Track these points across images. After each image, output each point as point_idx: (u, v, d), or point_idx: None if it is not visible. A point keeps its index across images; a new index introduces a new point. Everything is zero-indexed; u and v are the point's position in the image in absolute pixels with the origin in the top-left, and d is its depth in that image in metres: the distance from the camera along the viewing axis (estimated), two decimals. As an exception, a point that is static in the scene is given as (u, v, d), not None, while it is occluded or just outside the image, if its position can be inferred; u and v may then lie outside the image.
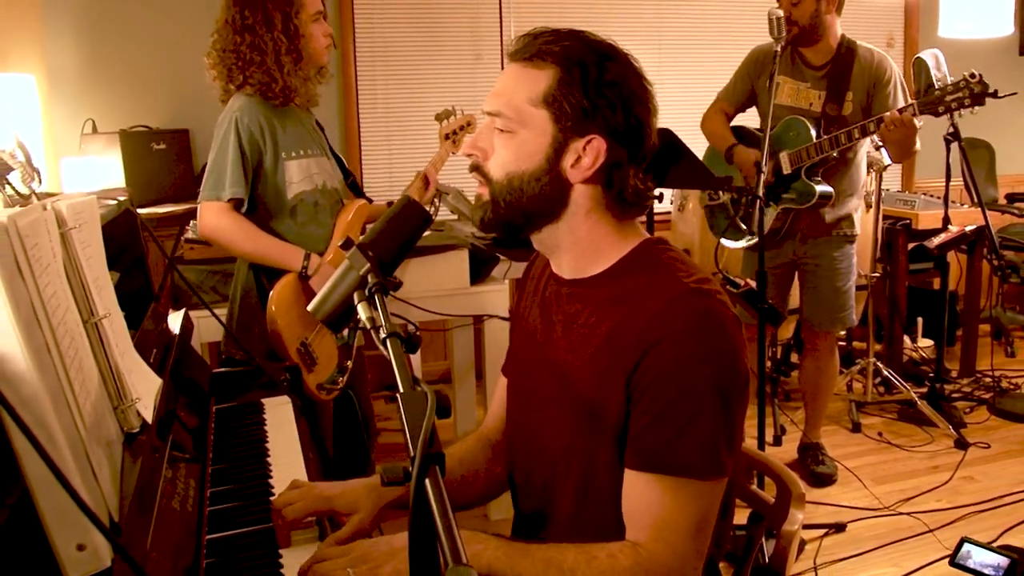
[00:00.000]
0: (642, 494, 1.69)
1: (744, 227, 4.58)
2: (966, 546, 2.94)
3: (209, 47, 3.41)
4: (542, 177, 1.75)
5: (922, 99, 4.05)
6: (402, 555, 1.62)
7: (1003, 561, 2.85)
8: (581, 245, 1.83)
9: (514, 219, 1.81)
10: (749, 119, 4.74)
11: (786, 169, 4.32)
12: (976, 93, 3.94)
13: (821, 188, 4.34)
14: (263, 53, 3.30)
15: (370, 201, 3.74)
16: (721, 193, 4.75)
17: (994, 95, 3.95)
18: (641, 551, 1.66)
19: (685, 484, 1.66)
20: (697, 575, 1.72)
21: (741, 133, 4.67)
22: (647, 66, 1.78)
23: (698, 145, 4.41)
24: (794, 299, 4.83)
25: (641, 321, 1.68)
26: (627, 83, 1.73)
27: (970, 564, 2.91)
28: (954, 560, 2.95)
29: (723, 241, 4.72)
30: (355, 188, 3.79)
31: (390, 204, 3.83)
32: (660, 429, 1.66)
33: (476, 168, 1.82)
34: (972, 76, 3.95)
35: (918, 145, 4.24)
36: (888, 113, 4.08)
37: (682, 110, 4.83)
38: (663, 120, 1.88)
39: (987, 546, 2.91)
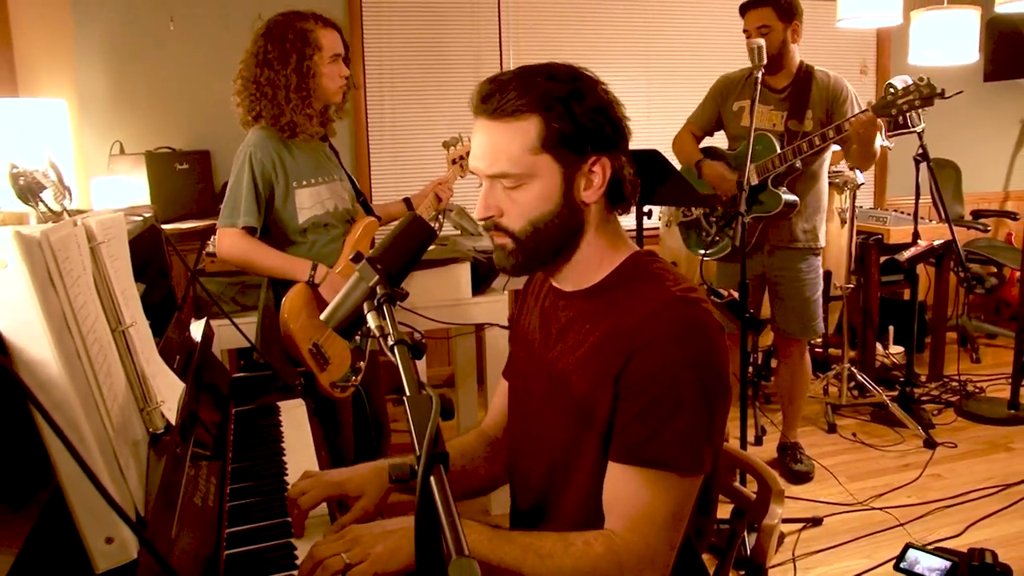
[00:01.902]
0: (622, 485, 1.69)
1: (717, 239, 4.60)
2: (911, 552, 2.94)
3: (236, 74, 3.49)
4: (562, 211, 1.75)
5: (877, 103, 4.05)
6: (394, 536, 1.61)
7: (945, 564, 2.86)
8: (584, 262, 1.84)
9: (544, 255, 1.82)
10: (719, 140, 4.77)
11: (754, 180, 4.33)
12: (925, 95, 3.93)
13: (787, 196, 4.36)
14: (275, 88, 3.38)
15: (379, 219, 3.76)
16: (694, 209, 4.77)
17: (941, 95, 3.95)
18: (616, 539, 1.66)
19: (663, 477, 1.66)
20: (668, 565, 1.71)
21: (710, 152, 4.70)
22: (636, 94, 1.80)
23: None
24: (766, 309, 4.83)
25: (630, 325, 1.69)
26: (599, 99, 1.74)
27: (916, 569, 2.90)
28: (898, 565, 2.94)
29: (695, 252, 4.75)
30: (365, 206, 3.82)
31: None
32: (642, 424, 1.66)
33: (495, 227, 1.80)
34: (921, 80, 3.95)
35: (880, 142, 4.27)
36: (850, 120, 4.13)
37: (670, 134, 4.83)
38: (651, 143, 1.89)
39: (931, 551, 2.91)
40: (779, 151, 4.29)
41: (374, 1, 6.06)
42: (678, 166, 4.48)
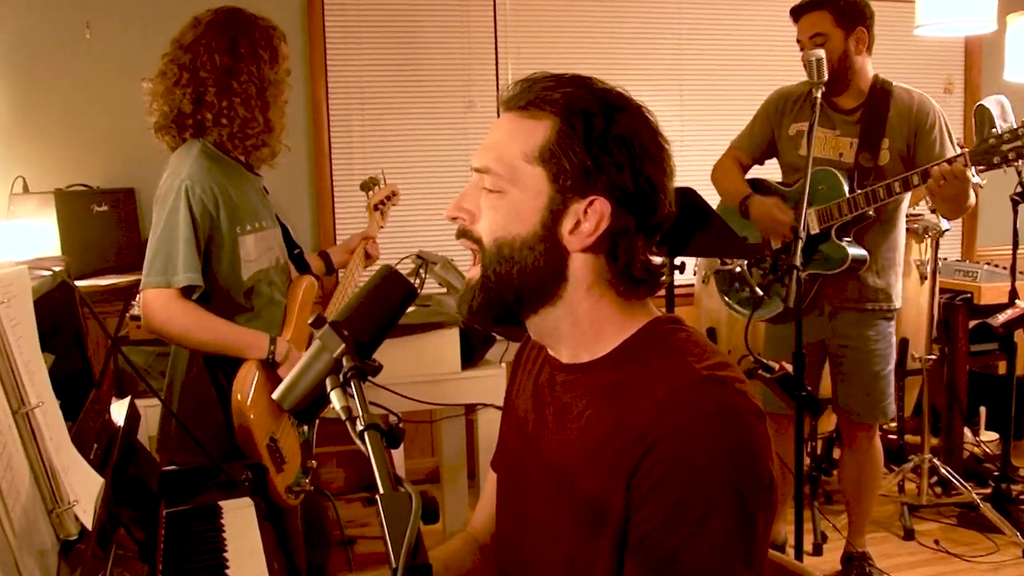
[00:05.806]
0: None
1: (763, 297, 4.54)
2: None
3: (163, 65, 3.34)
4: (536, 245, 1.72)
5: (975, 148, 3.95)
6: None
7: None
8: (581, 326, 1.80)
9: (505, 296, 1.77)
10: (771, 171, 4.77)
11: (814, 228, 4.27)
12: None
13: (854, 251, 4.30)
14: (248, 96, 3.28)
15: (317, 278, 3.74)
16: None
17: None
18: None
19: None
20: None
21: (758, 186, 4.66)
22: (667, 119, 1.77)
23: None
24: (826, 384, 4.79)
25: (645, 413, 1.65)
26: (638, 138, 1.71)
27: None
28: None
29: (733, 310, 4.74)
30: (300, 261, 3.76)
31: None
32: (664, 538, 1.61)
33: (464, 233, 1.80)
34: None
35: (972, 199, 4.17)
36: (936, 166, 3.99)
37: (706, 167, 4.82)
38: (685, 178, 1.88)
39: None
40: (847, 194, 4.23)
41: (339, 4, 6.11)
42: (715, 201, 4.46)
